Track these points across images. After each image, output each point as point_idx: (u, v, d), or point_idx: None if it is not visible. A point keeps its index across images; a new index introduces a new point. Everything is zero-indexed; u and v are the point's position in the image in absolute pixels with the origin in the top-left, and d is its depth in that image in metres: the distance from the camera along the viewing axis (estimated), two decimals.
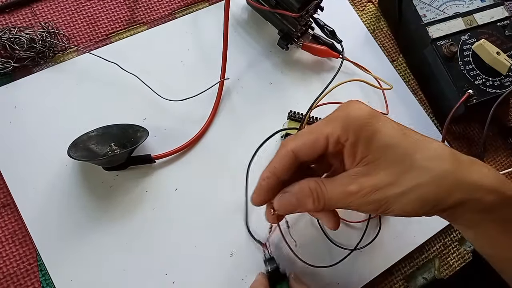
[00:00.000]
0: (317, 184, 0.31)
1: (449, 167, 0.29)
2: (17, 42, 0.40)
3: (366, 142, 0.29)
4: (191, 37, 0.47)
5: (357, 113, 0.29)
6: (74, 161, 0.40)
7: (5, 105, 0.40)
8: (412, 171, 0.29)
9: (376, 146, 0.29)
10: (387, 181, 0.29)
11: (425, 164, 0.29)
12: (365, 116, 0.29)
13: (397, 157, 0.29)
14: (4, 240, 0.38)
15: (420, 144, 0.30)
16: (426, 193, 0.28)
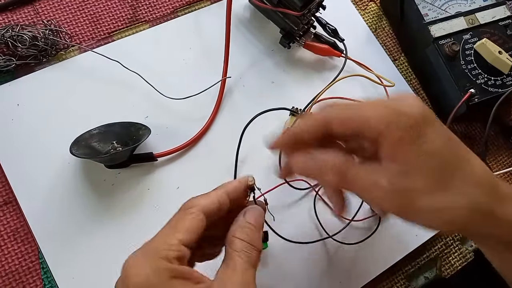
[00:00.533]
0: (345, 163, 0.29)
1: (485, 199, 0.28)
2: (20, 40, 0.40)
3: (411, 144, 0.27)
4: (193, 35, 0.47)
5: (409, 110, 0.27)
6: (76, 159, 0.40)
7: (7, 102, 0.41)
8: (449, 191, 0.27)
9: (420, 151, 0.27)
10: (422, 190, 0.27)
11: (463, 188, 0.27)
12: (418, 117, 0.27)
13: (438, 170, 0.27)
14: (6, 237, 0.38)
15: (464, 163, 0.28)
16: (457, 217, 0.27)
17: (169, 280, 0.25)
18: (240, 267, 0.27)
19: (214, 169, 0.43)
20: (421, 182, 0.27)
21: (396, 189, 0.27)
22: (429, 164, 0.27)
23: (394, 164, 0.28)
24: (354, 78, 0.48)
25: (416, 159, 0.27)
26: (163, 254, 0.26)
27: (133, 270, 0.26)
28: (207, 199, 0.29)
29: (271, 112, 0.43)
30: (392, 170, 0.28)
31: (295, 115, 0.44)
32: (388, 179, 0.27)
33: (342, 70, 0.47)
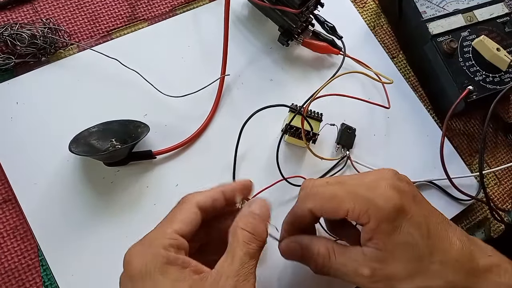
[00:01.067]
0: (327, 252, 0.31)
1: (462, 278, 0.30)
2: (19, 38, 0.40)
3: (387, 234, 0.29)
4: (191, 33, 0.47)
5: (384, 205, 0.29)
6: (75, 157, 0.40)
7: (6, 101, 0.41)
8: (427, 273, 0.29)
9: (396, 241, 0.29)
10: (401, 276, 0.29)
11: (441, 271, 0.29)
12: (391, 211, 0.29)
13: (415, 256, 0.29)
14: (5, 235, 0.38)
15: (442, 245, 0.30)
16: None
17: (163, 265, 0.26)
18: (238, 258, 0.27)
19: (212, 166, 0.43)
20: (399, 269, 0.29)
21: (378, 277, 0.30)
22: (406, 253, 0.29)
23: (372, 249, 0.30)
24: (352, 75, 0.48)
25: (393, 248, 0.29)
26: (158, 242, 0.27)
27: (131, 259, 0.27)
28: (201, 195, 0.31)
29: (270, 109, 0.43)
30: (372, 256, 0.30)
31: (294, 111, 0.44)
32: (369, 267, 0.30)
33: (341, 67, 0.47)
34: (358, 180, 0.32)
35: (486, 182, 0.50)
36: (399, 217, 0.29)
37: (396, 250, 0.29)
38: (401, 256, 0.29)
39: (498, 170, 0.50)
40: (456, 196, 0.47)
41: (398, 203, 0.29)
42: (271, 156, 0.44)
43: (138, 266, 0.26)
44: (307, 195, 0.33)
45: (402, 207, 0.30)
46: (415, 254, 0.29)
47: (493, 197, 0.49)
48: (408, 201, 0.30)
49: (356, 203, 0.30)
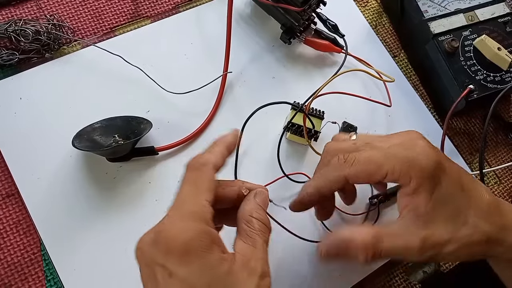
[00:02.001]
0: (374, 240, 0.30)
1: (494, 230, 0.30)
2: (23, 35, 0.40)
3: (428, 192, 0.29)
4: (194, 31, 0.47)
5: (426, 163, 0.29)
6: (78, 152, 0.40)
7: (10, 96, 0.41)
8: (465, 228, 0.30)
9: (436, 198, 0.29)
10: (445, 238, 0.30)
11: (477, 222, 0.30)
12: (433, 168, 0.29)
13: (454, 212, 0.30)
14: (8, 229, 0.38)
15: (474, 201, 0.31)
16: (476, 250, 0.30)
17: (210, 245, 0.25)
18: (260, 245, 0.28)
19: None
20: (442, 231, 0.30)
21: (426, 247, 0.29)
22: (445, 210, 0.30)
23: (414, 218, 0.30)
24: (354, 73, 0.49)
25: (433, 206, 0.29)
26: (200, 216, 0.26)
27: (173, 234, 0.25)
28: (214, 156, 0.30)
29: (271, 106, 0.43)
30: (415, 225, 0.30)
31: (296, 109, 0.44)
32: (418, 238, 0.29)
33: (342, 65, 0.47)
34: (390, 141, 0.31)
35: (487, 181, 0.50)
36: (438, 174, 0.29)
37: (436, 207, 0.29)
38: (441, 213, 0.30)
39: (499, 169, 0.51)
40: None
41: (438, 159, 0.30)
42: (273, 153, 0.44)
43: (183, 242, 0.25)
44: (342, 163, 0.32)
45: (441, 163, 0.30)
46: (454, 208, 0.30)
47: None
48: (442, 157, 0.31)
49: (396, 164, 0.29)
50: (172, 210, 0.27)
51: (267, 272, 0.27)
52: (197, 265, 0.25)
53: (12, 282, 0.37)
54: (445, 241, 0.30)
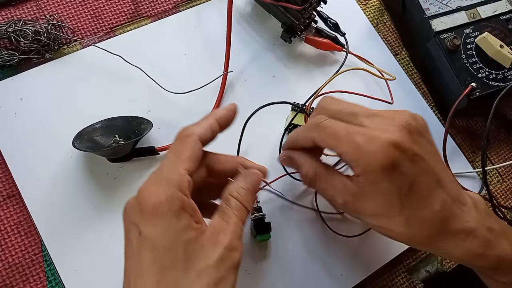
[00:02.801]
0: (314, 176, 0.35)
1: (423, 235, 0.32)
2: (23, 35, 0.40)
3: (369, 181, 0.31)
4: (195, 30, 0.47)
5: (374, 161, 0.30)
6: (79, 153, 0.40)
7: (10, 97, 0.41)
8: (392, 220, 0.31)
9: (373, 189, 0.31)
10: (368, 213, 0.32)
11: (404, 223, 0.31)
12: (378, 168, 0.30)
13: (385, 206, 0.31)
14: (9, 230, 0.38)
15: (416, 204, 0.31)
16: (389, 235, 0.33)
17: (179, 210, 0.27)
18: (233, 221, 0.29)
19: None
20: (368, 208, 0.32)
21: (348, 208, 0.34)
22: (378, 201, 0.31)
23: (353, 186, 0.32)
24: (355, 72, 0.48)
25: (369, 191, 0.31)
26: (175, 183, 0.27)
27: (149, 195, 0.27)
28: (201, 127, 0.31)
29: (272, 106, 0.43)
30: (350, 190, 0.32)
31: (296, 110, 0.44)
32: (343, 198, 0.33)
33: (343, 64, 0.47)
34: (366, 121, 0.32)
35: (489, 180, 0.50)
36: (385, 173, 0.30)
37: (370, 194, 0.31)
38: (373, 201, 0.31)
39: (501, 167, 0.50)
40: None
41: (389, 162, 0.30)
42: (274, 152, 0.44)
43: (153, 204, 0.26)
44: (314, 125, 0.34)
45: (392, 165, 0.30)
46: (386, 204, 0.31)
47: (495, 194, 0.49)
48: (403, 160, 0.30)
49: (350, 149, 0.31)
50: (151, 175, 0.29)
51: (235, 246, 0.28)
52: (162, 228, 0.26)
53: (14, 283, 0.37)
54: (367, 214, 0.32)
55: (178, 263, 0.26)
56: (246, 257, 0.40)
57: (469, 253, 0.32)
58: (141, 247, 0.26)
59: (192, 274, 0.26)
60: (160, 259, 0.26)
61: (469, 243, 0.31)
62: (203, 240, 0.27)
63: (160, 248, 0.26)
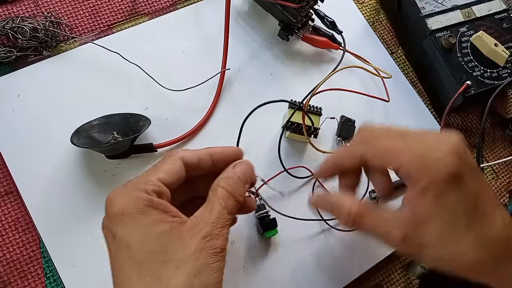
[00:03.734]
0: (358, 213, 0.31)
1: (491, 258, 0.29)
2: (20, 32, 0.40)
3: (433, 196, 0.28)
4: (192, 28, 0.47)
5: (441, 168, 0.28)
6: (77, 150, 0.40)
7: (8, 93, 0.41)
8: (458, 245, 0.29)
9: (439, 205, 0.28)
10: (431, 242, 0.29)
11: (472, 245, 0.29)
12: (446, 177, 0.28)
13: (452, 225, 0.28)
14: (7, 227, 0.38)
15: (481, 222, 0.29)
16: (461, 268, 0.30)
17: (145, 207, 0.27)
18: (216, 210, 0.29)
19: None
20: (432, 236, 0.29)
21: (409, 242, 0.29)
22: (444, 220, 0.28)
23: (410, 214, 0.29)
24: (351, 70, 0.49)
25: (433, 212, 0.28)
26: (141, 187, 0.28)
27: (113, 199, 0.28)
28: (188, 152, 0.32)
29: (270, 104, 0.43)
30: (408, 220, 0.29)
31: (294, 108, 0.44)
32: (403, 230, 0.29)
33: (340, 62, 0.47)
34: (421, 137, 0.30)
35: (484, 176, 0.50)
36: (452, 184, 0.28)
37: (435, 214, 0.28)
38: (438, 222, 0.28)
39: (496, 164, 0.51)
40: None
41: (456, 170, 0.28)
42: (273, 150, 0.44)
43: (120, 206, 0.27)
44: (364, 140, 0.32)
45: (459, 175, 0.28)
46: (453, 223, 0.28)
47: None
48: (467, 171, 0.29)
49: (413, 159, 0.29)
50: (125, 184, 0.30)
51: (216, 234, 0.28)
52: (131, 225, 0.27)
53: (12, 280, 0.37)
54: (430, 244, 0.29)
55: (155, 255, 0.26)
56: (245, 257, 0.40)
57: None
58: (118, 248, 0.27)
59: (170, 266, 0.26)
60: (135, 255, 0.26)
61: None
62: (181, 231, 0.27)
63: (133, 244, 0.27)
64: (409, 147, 0.29)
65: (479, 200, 0.29)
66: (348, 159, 0.33)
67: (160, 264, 0.26)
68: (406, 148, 0.30)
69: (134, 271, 0.26)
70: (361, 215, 0.31)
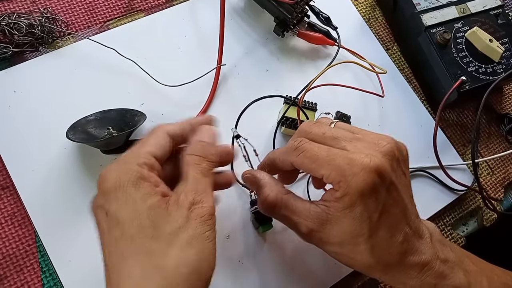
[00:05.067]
0: (274, 201, 0.33)
1: (380, 266, 0.32)
2: (16, 28, 0.40)
3: (346, 206, 0.30)
4: (188, 24, 0.48)
5: (355, 185, 0.30)
6: (73, 145, 0.40)
7: (4, 89, 0.41)
8: (355, 249, 0.31)
9: (347, 215, 0.30)
10: (332, 241, 0.32)
11: (367, 251, 0.31)
12: (359, 193, 0.30)
13: (354, 233, 0.31)
14: (3, 221, 0.38)
15: (381, 233, 0.31)
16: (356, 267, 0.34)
17: (137, 179, 0.28)
18: (191, 177, 0.30)
19: None
20: (334, 237, 0.31)
21: (312, 236, 0.32)
22: (348, 227, 0.31)
23: (321, 212, 0.32)
24: (347, 66, 0.49)
25: (341, 218, 0.31)
26: (133, 160, 0.29)
27: (106, 175, 0.29)
28: (171, 124, 0.33)
29: (265, 99, 0.44)
30: (316, 217, 0.32)
31: (289, 103, 0.44)
32: (308, 226, 0.32)
33: (335, 58, 0.47)
34: (351, 146, 0.32)
35: (479, 172, 0.50)
36: (363, 198, 0.30)
37: (342, 220, 0.31)
38: (342, 226, 0.31)
39: (491, 160, 0.51)
40: (450, 186, 0.47)
41: (368, 187, 0.30)
42: (268, 145, 0.45)
43: (112, 180, 0.28)
44: (293, 148, 0.33)
45: (372, 191, 0.30)
46: (355, 231, 0.31)
47: (485, 187, 0.50)
48: (381, 186, 0.30)
49: (333, 171, 0.31)
50: (116, 159, 0.30)
51: (199, 201, 0.28)
52: (123, 199, 0.27)
53: (8, 274, 0.37)
54: (331, 243, 0.32)
55: (145, 230, 0.27)
56: (241, 251, 0.41)
57: (424, 284, 0.32)
58: (110, 225, 0.27)
59: (162, 241, 0.27)
60: (127, 230, 0.27)
61: (424, 274, 0.32)
62: (168, 205, 0.28)
63: (125, 219, 0.27)
64: (331, 158, 0.31)
65: (385, 214, 0.31)
66: (280, 164, 0.35)
67: (152, 239, 0.27)
68: (328, 160, 0.31)
69: (127, 248, 0.26)
70: (274, 205, 0.33)
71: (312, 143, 0.33)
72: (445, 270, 0.32)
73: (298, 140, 0.33)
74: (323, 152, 0.32)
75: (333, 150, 0.32)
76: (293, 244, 0.42)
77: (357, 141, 0.33)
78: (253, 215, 0.41)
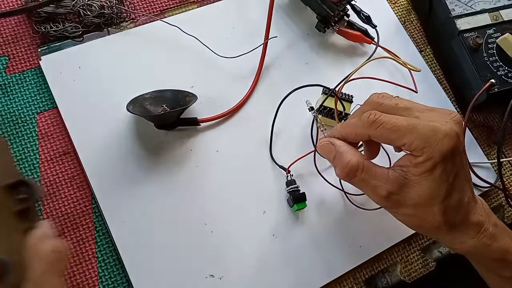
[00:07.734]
0: (356, 165, 0.35)
1: (446, 227, 0.35)
2: (89, 9, 0.44)
3: (427, 169, 0.33)
4: (236, 16, 0.51)
5: (440, 148, 0.32)
6: (129, 118, 0.44)
7: (71, 65, 0.45)
8: (428, 210, 0.34)
9: (428, 177, 0.33)
10: (408, 203, 0.34)
11: (438, 212, 0.34)
12: (442, 155, 0.32)
13: (431, 194, 0.33)
14: (63, 183, 0.42)
15: (454, 193, 0.34)
16: (432, 233, 0.38)
17: None
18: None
19: (250, 137, 0.47)
20: (411, 198, 0.34)
21: (390, 199, 0.34)
22: (427, 189, 0.33)
23: (399, 176, 0.34)
24: (382, 64, 0.52)
25: (420, 181, 0.33)
26: None
27: None
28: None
29: (304, 90, 0.47)
30: (395, 181, 0.34)
31: (327, 93, 0.48)
32: (387, 189, 0.34)
33: (373, 55, 0.50)
34: (425, 116, 0.34)
35: (503, 172, 0.53)
36: (444, 162, 0.32)
37: (421, 182, 0.33)
38: (421, 189, 0.33)
39: None
40: (474, 182, 0.49)
41: (449, 152, 0.32)
42: (305, 133, 0.48)
43: None
44: (370, 122, 0.34)
45: (452, 155, 0.33)
46: (433, 193, 0.33)
47: (508, 186, 0.52)
48: (458, 151, 0.33)
49: (416, 139, 0.32)
50: None
51: None
52: None
53: (65, 231, 0.41)
54: (406, 204, 0.34)
55: None
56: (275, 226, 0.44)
57: (480, 244, 0.35)
58: None
59: None
60: None
61: (482, 235, 0.35)
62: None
63: None
64: (413, 127, 0.33)
65: (457, 176, 0.34)
66: (356, 137, 0.37)
67: None
68: (410, 128, 0.33)
69: None
70: (356, 168, 0.35)
71: (388, 115, 0.34)
72: (496, 233, 0.35)
73: (372, 113, 0.35)
74: (404, 122, 0.33)
75: (412, 120, 0.34)
76: (323, 224, 0.45)
77: (429, 111, 0.35)
78: (289, 194, 0.44)
